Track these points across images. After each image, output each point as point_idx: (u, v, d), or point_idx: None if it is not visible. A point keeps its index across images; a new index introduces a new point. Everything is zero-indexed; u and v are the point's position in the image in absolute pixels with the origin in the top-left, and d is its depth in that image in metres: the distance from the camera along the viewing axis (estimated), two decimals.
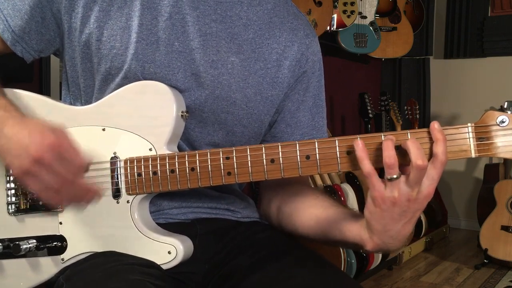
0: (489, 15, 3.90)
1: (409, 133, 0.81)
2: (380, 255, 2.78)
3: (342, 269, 2.49)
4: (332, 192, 2.61)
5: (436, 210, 3.72)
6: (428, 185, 0.79)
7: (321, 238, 0.99)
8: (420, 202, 0.80)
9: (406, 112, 3.73)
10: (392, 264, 3.12)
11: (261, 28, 1.01)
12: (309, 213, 1.01)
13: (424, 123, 4.07)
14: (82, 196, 0.89)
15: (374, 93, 3.72)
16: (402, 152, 0.80)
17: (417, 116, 3.72)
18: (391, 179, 0.79)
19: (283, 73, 1.02)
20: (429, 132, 0.80)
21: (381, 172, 0.81)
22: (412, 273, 3.07)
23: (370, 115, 3.38)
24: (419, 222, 3.41)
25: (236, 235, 1.06)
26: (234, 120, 1.00)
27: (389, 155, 0.78)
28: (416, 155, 0.77)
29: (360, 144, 0.81)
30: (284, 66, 1.02)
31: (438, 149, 0.78)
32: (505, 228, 3.16)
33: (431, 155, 0.79)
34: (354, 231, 0.90)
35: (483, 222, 3.26)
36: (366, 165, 0.80)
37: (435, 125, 0.79)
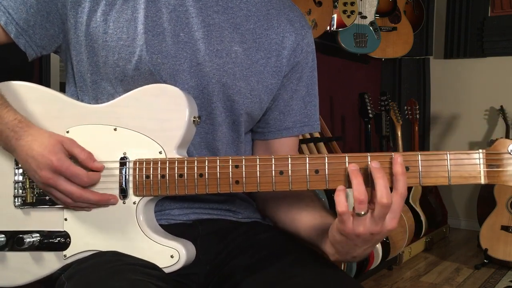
0: (489, 15, 3.90)
1: (369, 156, 0.83)
2: (380, 255, 2.78)
3: (342, 269, 2.49)
4: (333, 193, 2.61)
5: (436, 210, 3.72)
6: (391, 219, 0.82)
7: (305, 240, 1.02)
8: (383, 234, 0.83)
9: (406, 112, 3.73)
10: (392, 264, 3.12)
11: (260, 19, 1.04)
12: (298, 218, 1.03)
13: (424, 123, 4.08)
14: (95, 205, 0.94)
15: (374, 93, 3.72)
16: (366, 174, 0.82)
17: (417, 116, 3.72)
18: (359, 215, 0.81)
19: (282, 63, 1.05)
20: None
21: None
22: (412, 273, 3.07)
23: (370, 115, 3.37)
24: (419, 222, 3.41)
25: (237, 236, 1.06)
26: (240, 108, 1.02)
27: (360, 191, 0.80)
28: (382, 193, 0.79)
29: (341, 188, 0.82)
30: (283, 55, 1.05)
31: (400, 183, 0.80)
32: (505, 228, 3.16)
33: (392, 182, 0.81)
34: (322, 245, 0.94)
35: (483, 222, 3.26)
36: (343, 205, 0.82)
37: (398, 159, 0.81)
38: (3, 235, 0.98)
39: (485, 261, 3.15)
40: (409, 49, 3.66)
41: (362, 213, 0.80)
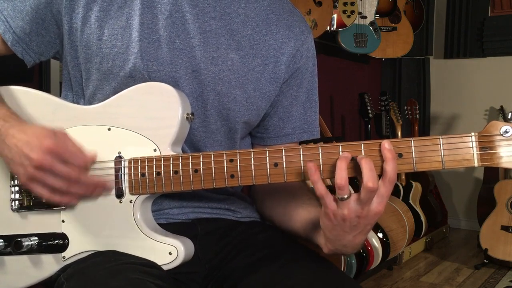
0: (489, 15, 3.90)
1: (362, 144, 0.83)
2: (380, 255, 2.78)
3: (342, 269, 2.49)
4: (332, 192, 2.61)
5: (436, 210, 3.72)
6: (378, 203, 0.82)
7: (301, 237, 1.02)
8: (369, 218, 0.83)
9: (406, 112, 3.73)
10: (392, 264, 3.12)
11: (259, 25, 1.03)
12: (294, 214, 1.03)
13: (424, 123, 4.08)
14: (91, 192, 0.92)
15: (374, 93, 3.72)
16: (357, 165, 0.82)
17: (417, 116, 3.72)
18: (341, 199, 0.81)
19: (280, 69, 1.04)
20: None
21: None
22: (412, 273, 3.08)
23: (370, 115, 3.38)
24: (419, 222, 3.41)
25: (236, 235, 1.06)
26: (236, 116, 1.02)
27: (341, 177, 0.81)
28: (368, 177, 0.79)
29: (312, 168, 0.82)
30: (281, 62, 1.04)
31: (388, 167, 0.80)
32: (505, 228, 3.16)
33: (382, 169, 0.81)
34: (316, 237, 0.94)
35: (483, 222, 3.26)
36: (319, 188, 0.83)
37: (385, 144, 0.81)
38: (1, 240, 0.98)
39: (485, 261, 3.15)
40: (409, 49, 3.66)
41: (346, 196, 0.81)
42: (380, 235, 2.81)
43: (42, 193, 0.89)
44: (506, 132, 0.80)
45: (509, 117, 0.84)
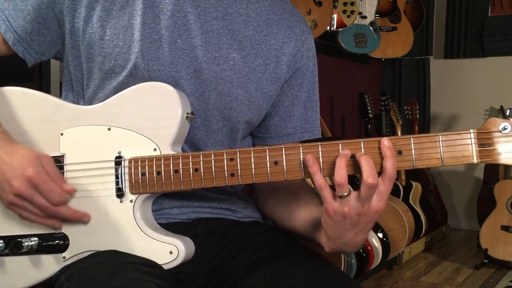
0: (489, 15, 3.90)
1: (362, 142, 0.83)
2: (380, 255, 2.78)
3: (342, 269, 2.49)
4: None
5: (436, 210, 3.72)
6: (378, 200, 0.82)
7: (303, 236, 1.02)
8: (370, 216, 0.84)
9: (406, 112, 3.73)
10: (392, 264, 3.12)
11: (260, 25, 1.03)
12: (296, 214, 1.03)
13: (424, 123, 4.08)
14: (69, 219, 0.94)
15: (374, 93, 3.73)
16: (356, 162, 0.82)
17: (417, 116, 3.73)
18: (341, 196, 0.82)
19: (281, 69, 1.04)
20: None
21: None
22: (412, 273, 3.08)
23: (370, 115, 3.38)
24: (419, 222, 3.41)
25: (237, 235, 1.06)
26: (238, 116, 1.02)
27: (340, 175, 0.81)
28: (368, 173, 0.80)
29: (310, 160, 0.83)
30: (282, 62, 1.04)
31: (387, 164, 0.81)
32: (505, 228, 3.16)
33: (382, 166, 0.82)
34: (317, 236, 0.95)
35: (483, 222, 3.26)
36: (318, 180, 0.83)
37: (384, 142, 0.82)
38: (1, 240, 0.98)
39: (485, 261, 3.16)
40: (409, 49, 3.66)
41: (345, 194, 0.81)
42: (380, 235, 2.81)
43: (22, 215, 0.93)
44: (505, 128, 0.80)
45: (507, 113, 0.84)
